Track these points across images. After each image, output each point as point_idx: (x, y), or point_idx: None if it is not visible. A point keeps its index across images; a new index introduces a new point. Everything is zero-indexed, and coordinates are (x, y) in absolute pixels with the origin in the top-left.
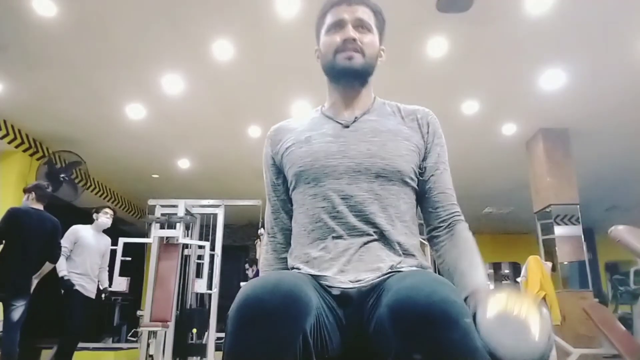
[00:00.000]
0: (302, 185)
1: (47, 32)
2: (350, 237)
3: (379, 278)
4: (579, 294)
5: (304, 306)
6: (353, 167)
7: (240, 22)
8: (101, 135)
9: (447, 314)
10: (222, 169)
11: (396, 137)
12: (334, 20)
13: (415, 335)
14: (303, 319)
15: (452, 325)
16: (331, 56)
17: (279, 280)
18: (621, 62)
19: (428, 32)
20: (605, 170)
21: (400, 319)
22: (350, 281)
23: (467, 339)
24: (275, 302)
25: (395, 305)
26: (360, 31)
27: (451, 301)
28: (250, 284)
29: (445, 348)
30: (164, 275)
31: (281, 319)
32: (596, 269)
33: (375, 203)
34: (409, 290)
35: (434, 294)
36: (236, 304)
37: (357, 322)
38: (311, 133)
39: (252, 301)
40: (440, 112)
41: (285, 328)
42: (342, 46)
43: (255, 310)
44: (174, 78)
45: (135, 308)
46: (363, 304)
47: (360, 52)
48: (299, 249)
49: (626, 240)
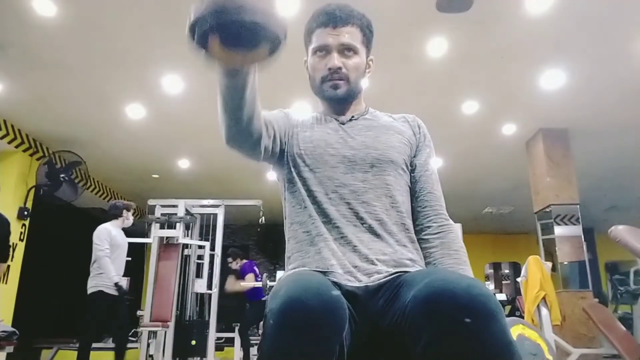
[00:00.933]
0: (298, 168)
1: (47, 32)
2: (342, 224)
3: (385, 278)
4: (579, 294)
5: (344, 313)
6: (349, 157)
7: None
8: (101, 135)
9: (488, 306)
10: (222, 169)
11: (388, 131)
12: (319, 44)
13: (456, 325)
14: (343, 326)
15: (492, 318)
16: (318, 83)
17: (320, 284)
18: (621, 62)
19: (428, 32)
20: (605, 170)
21: (439, 309)
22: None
23: (504, 332)
24: (321, 308)
25: (433, 296)
26: (346, 55)
27: (490, 295)
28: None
29: (484, 339)
30: (164, 275)
31: (326, 325)
32: (596, 269)
33: (369, 192)
34: (446, 283)
35: (472, 287)
36: (280, 305)
37: (365, 320)
38: (314, 122)
39: (298, 305)
40: (440, 112)
41: (329, 334)
42: (327, 75)
43: (301, 315)
44: (174, 78)
45: (135, 308)
46: (370, 301)
47: (345, 79)
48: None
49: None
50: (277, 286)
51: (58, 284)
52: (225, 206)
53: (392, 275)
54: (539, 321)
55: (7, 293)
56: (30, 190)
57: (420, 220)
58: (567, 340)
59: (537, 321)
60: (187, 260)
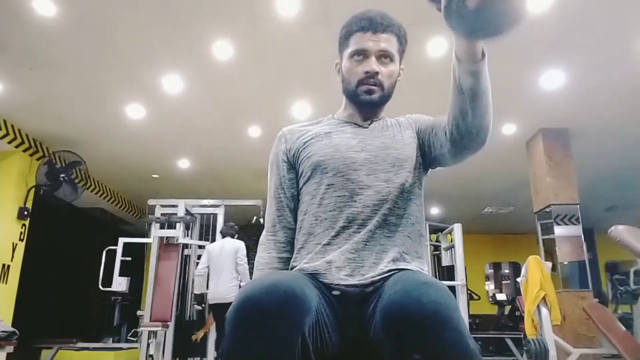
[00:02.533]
0: (319, 175)
1: (47, 32)
2: (361, 225)
3: (380, 276)
4: (579, 294)
5: (303, 306)
6: (371, 159)
7: (240, 22)
8: (101, 135)
9: (437, 315)
10: (222, 169)
11: (401, 128)
12: (358, 48)
13: (408, 338)
14: (302, 319)
15: (443, 326)
16: (353, 86)
17: (277, 280)
18: (621, 62)
19: (428, 32)
20: (605, 170)
21: (391, 323)
22: (351, 276)
23: (458, 338)
24: (274, 302)
25: (386, 311)
26: (383, 62)
27: (440, 302)
28: (249, 284)
29: (438, 348)
30: (164, 275)
31: (279, 319)
32: (596, 269)
33: (393, 191)
34: (399, 295)
35: (423, 296)
36: (234, 305)
37: (358, 321)
38: (331, 130)
39: (250, 302)
40: (440, 112)
41: (284, 329)
42: (364, 79)
43: (253, 311)
44: (174, 78)
45: (135, 308)
46: (364, 304)
47: (380, 85)
48: (308, 239)
49: (626, 240)
50: None
51: (58, 284)
52: (225, 206)
53: (385, 274)
54: (539, 321)
55: (7, 293)
56: (30, 190)
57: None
58: (567, 340)
59: (537, 321)
60: (187, 260)
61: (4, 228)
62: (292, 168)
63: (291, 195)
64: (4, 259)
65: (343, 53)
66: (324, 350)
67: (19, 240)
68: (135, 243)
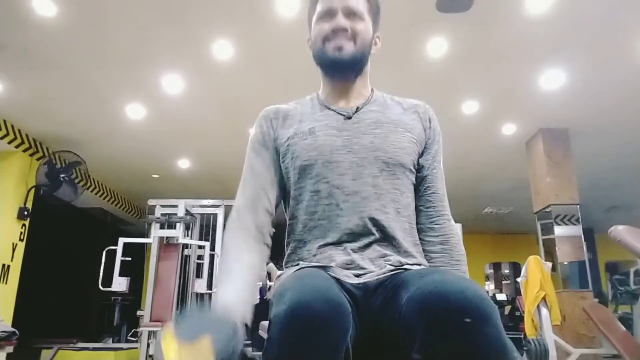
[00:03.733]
0: (304, 181)
1: (47, 32)
2: (352, 234)
3: (385, 274)
4: (579, 294)
5: (349, 316)
6: (357, 162)
7: (240, 22)
8: (101, 135)
9: (482, 309)
10: (222, 169)
11: (397, 129)
12: (324, 8)
13: (449, 328)
14: (348, 330)
15: (486, 320)
16: (320, 45)
17: (326, 287)
18: (621, 61)
19: (428, 32)
20: (605, 170)
21: (433, 311)
22: (355, 275)
23: (498, 334)
24: (328, 312)
25: (427, 298)
26: (352, 19)
27: (484, 297)
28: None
29: (478, 342)
30: (164, 275)
31: (333, 330)
32: (596, 269)
33: (380, 198)
34: (441, 285)
35: (467, 289)
36: (286, 310)
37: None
38: (314, 124)
39: (304, 310)
40: (440, 112)
41: (336, 339)
42: (331, 35)
43: (308, 320)
44: (174, 78)
45: (135, 308)
46: (369, 300)
47: (351, 39)
48: (299, 245)
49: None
50: (279, 288)
51: (58, 284)
52: (225, 206)
53: (392, 272)
54: (539, 321)
55: (7, 293)
56: (30, 190)
57: (422, 220)
58: (567, 340)
59: (537, 321)
60: (187, 260)
61: (4, 228)
62: (277, 154)
63: (273, 180)
64: (4, 259)
65: (311, 23)
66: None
67: (19, 240)
68: (135, 243)
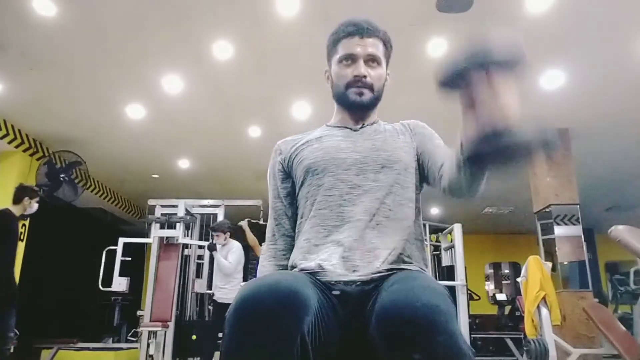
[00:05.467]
0: (310, 178)
1: (47, 32)
2: (351, 224)
3: (379, 274)
4: (579, 294)
5: (303, 306)
6: (360, 159)
7: (240, 22)
8: (101, 135)
9: (430, 318)
10: (222, 169)
11: (393, 135)
12: (346, 52)
13: (401, 340)
14: (302, 319)
15: (436, 329)
16: (342, 89)
17: (277, 280)
18: (621, 62)
19: (428, 32)
20: (605, 170)
21: (385, 325)
22: (346, 275)
23: (452, 341)
24: (274, 302)
25: (380, 312)
26: (371, 65)
27: (434, 305)
28: (248, 284)
29: (431, 352)
30: (164, 275)
31: (280, 319)
32: (596, 269)
33: (381, 190)
34: (394, 296)
35: (417, 299)
36: (234, 304)
37: (358, 321)
38: (322, 135)
39: (250, 302)
40: (440, 112)
41: (284, 329)
42: (353, 82)
43: (253, 311)
44: (174, 78)
45: (135, 308)
46: (364, 302)
47: (369, 87)
48: (303, 239)
49: (626, 240)
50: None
51: (58, 284)
52: (225, 206)
53: (386, 273)
54: (539, 321)
55: None
56: None
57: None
58: (567, 340)
59: (537, 321)
60: (187, 260)
61: None
62: (287, 177)
63: (288, 204)
64: None
65: (332, 60)
66: (323, 349)
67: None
68: (135, 243)
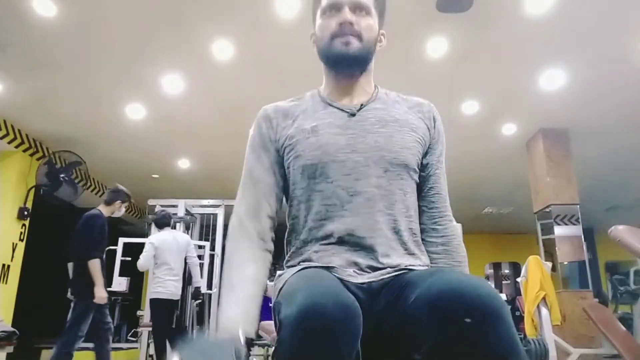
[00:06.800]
0: (306, 181)
1: (47, 32)
2: (356, 235)
3: (390, 275)
4: (579, 294)
5: (361, 321)
6: (362, 162)
7: (240, 22)
8: (101, 135)
9: (494, 306)
10: (222, 169)
11: (402, 128)
12: (330, 2)
13: (461, 326)
14: (360, 331)
15: (498, 318)
16: (327, 41)
17: (338, 290)
18: (621, 62)
19: (428, 32)
20: (605, 170)
21: (444, 311)
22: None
23: (510, 331)
24: (341, 315)
25: (439, 297)
26: (358, 14)
27: (495, 294)
28: (308, 289)
29: (491, 340)
30: None
31: (344, 333)
32: (596, 269)
33: (384, 199)
34: (451, 283)
35: (479, 287)
36: (298, 311)
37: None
38: (317, 122)
39: (317, 311)
40: (440, 112)
41: (346, 342)
42: (338, 30)
43: (319, 321)
44: (174, 78)
45: (135, 308)
46: (373, 302)
47: (357, 36)
48: (302, 245)
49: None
50: (288, 288)
51: (58, 284)
52: (225, 206)
53: (396, 273)
54: (539, 321)
55: (7, 293)
56: (30, 190)
57: (424, 221)
58: (567, 340)
59: (537, 321)
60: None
61: (4, 228)
62: (279, 156)
63: (278, 183)
64: (4, 259)
65: (316, 17)
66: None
67: (19, 240)
68: (135, 243)
